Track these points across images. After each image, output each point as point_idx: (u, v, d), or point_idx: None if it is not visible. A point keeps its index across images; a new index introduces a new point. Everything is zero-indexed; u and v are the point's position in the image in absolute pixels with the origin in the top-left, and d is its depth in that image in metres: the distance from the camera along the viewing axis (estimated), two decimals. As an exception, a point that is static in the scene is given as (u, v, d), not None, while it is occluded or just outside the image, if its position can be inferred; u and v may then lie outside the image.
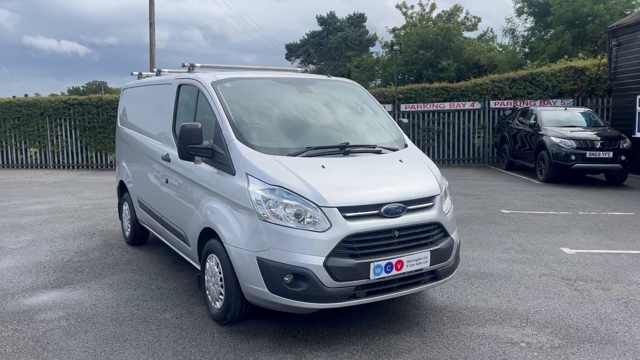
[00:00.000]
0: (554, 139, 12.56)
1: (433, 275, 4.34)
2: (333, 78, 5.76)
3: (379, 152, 4.80)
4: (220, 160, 4.46)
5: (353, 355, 3.91)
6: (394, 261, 4.02)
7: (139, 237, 6.94)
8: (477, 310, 4.76)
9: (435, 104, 17.85)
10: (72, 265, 6.25)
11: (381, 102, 18.08)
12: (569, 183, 12.47)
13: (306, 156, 4.40)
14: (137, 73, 7.17)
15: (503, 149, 15.98)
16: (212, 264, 4.47)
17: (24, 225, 8.62)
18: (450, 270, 4.50)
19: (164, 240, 5.98)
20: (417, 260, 4.14)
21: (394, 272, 4.03)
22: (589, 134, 12.68)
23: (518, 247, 6.83)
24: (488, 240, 7.25)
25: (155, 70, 6.55)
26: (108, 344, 4.13)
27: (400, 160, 4.70)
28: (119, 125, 7.53)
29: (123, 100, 7.61)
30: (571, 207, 9.54)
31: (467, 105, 17.72)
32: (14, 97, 20.22)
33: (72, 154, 18.59)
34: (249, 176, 4.14)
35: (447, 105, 17.81)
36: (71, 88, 79.90)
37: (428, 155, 18.10)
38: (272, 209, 3.95)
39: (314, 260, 3.83)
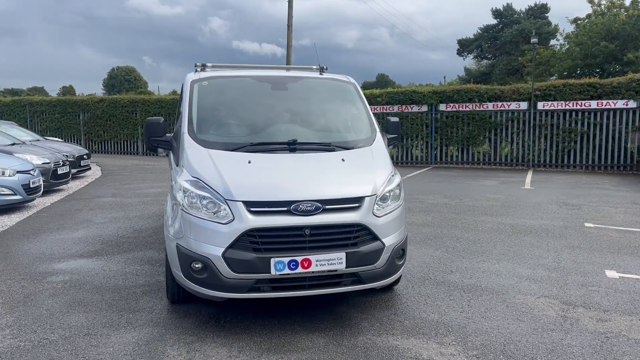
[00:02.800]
0: (701, 144, 10.50)
1: (355, 279, 4.19)
2: (325, 75, 5.71)
3: (332, 150, 4.74)
4: (176, 152, 4.85)
5: (245, 346, 3.98)
6: (299, 259, 3.99)
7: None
8: (421, 321, 4.42)
9: (579, 102, 15.99)
10: (119, 240, 7.20)
11: (514, 100, 16.91)
12: None
13: (245, 151, 4.55)
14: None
15: (656, 155, 13.77)
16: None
17: (125, 204, 10.03)
18: (380, 276, 4.27)
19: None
20: (329, 260, 4.04)
21: (299, 269, 4.00)
22: None
23: (553, 265, 6.02)
24: (527, 254, 6.50)
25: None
26: (70, 307, 4.79)
27: (342, 160, 4.58)
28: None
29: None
30: (685, 226, 7.98)
31: (620, 103, 15.55)
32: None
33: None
34: (183, 168, 4.46)
35: (593, 104, 15.84)
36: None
37: (567, 159, 16.40)
38: (190, 200, 4.21)
39: (214, 251, 4.00)
